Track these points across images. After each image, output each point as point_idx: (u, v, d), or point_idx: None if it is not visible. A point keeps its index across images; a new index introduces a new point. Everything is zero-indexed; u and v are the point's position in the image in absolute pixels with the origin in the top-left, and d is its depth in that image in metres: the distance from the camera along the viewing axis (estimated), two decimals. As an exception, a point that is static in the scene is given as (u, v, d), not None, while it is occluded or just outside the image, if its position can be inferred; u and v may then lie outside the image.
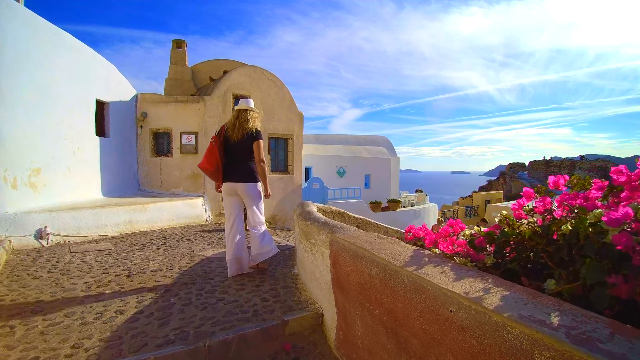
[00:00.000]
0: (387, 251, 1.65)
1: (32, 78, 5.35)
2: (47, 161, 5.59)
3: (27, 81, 5.24)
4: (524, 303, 1.04)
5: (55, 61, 5.80)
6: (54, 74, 5.77)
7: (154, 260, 4.09)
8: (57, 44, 5.91)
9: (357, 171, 15.20)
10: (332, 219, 5.66)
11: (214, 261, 4.04)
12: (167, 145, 8.35)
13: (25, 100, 5.19)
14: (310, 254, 2.60)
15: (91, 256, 4.32)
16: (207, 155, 3.33)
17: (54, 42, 5.83)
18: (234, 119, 3.43)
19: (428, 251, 1.67)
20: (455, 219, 13.01)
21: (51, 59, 5.72)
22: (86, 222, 5.41)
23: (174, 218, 6.91)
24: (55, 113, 5.79)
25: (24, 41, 5.22)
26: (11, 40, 4.99)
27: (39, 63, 5.48)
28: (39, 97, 5.44)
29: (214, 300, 2.74)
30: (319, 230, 2.39)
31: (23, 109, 5.15)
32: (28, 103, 5.23)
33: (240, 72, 8.88)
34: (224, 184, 3.41)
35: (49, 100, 5.64)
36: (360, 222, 6.42)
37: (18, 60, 5.10)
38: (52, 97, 5.71)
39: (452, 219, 12.91)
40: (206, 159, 3.31)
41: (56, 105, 5.80)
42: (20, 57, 5.14)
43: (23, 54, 5.19)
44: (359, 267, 1.74)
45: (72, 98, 6.18)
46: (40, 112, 5.47)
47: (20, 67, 5.13)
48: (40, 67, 5.51)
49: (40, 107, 5.46)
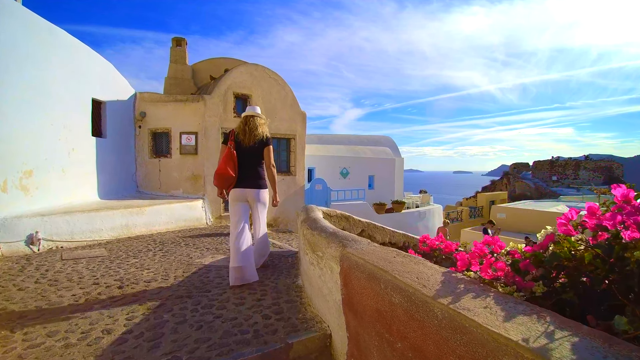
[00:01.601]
0: (412, 274, 1.40)
1: (25, 76, 5.13)
2: (39, 163, 5.36)
3: (18, 79, 5.01)
4: (603, 356, 0.79)
5: (49, 58, 5.57)
6: (47, 72, 5.54)
7: (148, 269, 3.85)
8: (51, 41, 5.68)
9: (360, 172, 14.92)
10: (337, 223, 5.40)
11: (212, 270, 3.80)
12: (166, 146, 8.12)
13: (16, 98, 4.96)
14: (317, 267, 2.35)
15: (83, 264, 4.09)
16: (226, 161, 3.24)
17: (47, 39, 5.60)
18: (242, 125, 3.43)
19: (461, 274, 1.42)
20: (459, 220, 12.72)
21: (45, 56, 5.50)
22: (80, 227, 5.18)
23: (173, 221, 6.68)
24: (49, 112, 5.56)
25: (16, 37, 5.00)
26: (2, 36, 4.77)
27: (32, 60, 5.25)
28: (32, 96, 5.21)
29: (211, 318, 2.50)
30: (327, 243, 2.14)
31: (14, 108, 4.93)
32: (20, 102, 5.00)
33: (241, 70, 8.64)
34: (233, 190, 3.35)
35: (42, 99, 5.41)
36: (366, 226, 6.16)
37: (9, 57, 4.87)
38: (45, 95, 5.48)
39: (456, 220, 12.60)
40: (225, 165, 3.23)
41: (50, 104, 5.57)
42: (11, 53, 4.91)
43: (15, 50, 4.96)
44: (376, 291, 1.48)
45: (67, 97, 5.95)
46: (33, 112, 5.24)
47: (11, 64, 4.91)
48: (33, 65, 5.28)
49: (33, 106, 5.23)
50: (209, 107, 7.93)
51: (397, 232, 6.74)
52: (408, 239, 6.05)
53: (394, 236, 6.17)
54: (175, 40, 9.79)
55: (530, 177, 40.03)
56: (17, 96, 4.99)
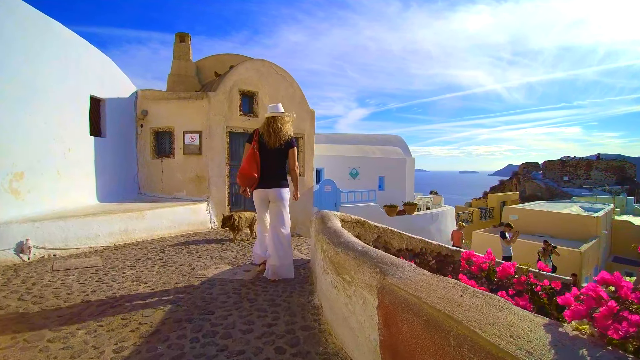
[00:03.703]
0: (499, 327, 0.96)
1: (14, 70, 4.75)
2: (32, 164, 4.99)
3: (7, 73, 4.64)
4: None
5: (42, 52, 5.19)
6: (40, 66, 5.16)
7: (145, 283, 3.45)
8: (45, 33, 5.31)
9: (370, 172, 14.42)
10: (352, 229, 4.95)
11: (216, 284, 3.38)
12: (169, 146, 7.73)
13: (5, 95, 4.59)
14: (343, 294, 1.93)
15: (74, 276, 3.70)
16: (249, 161, 3.33)
17: (40, 31, 5.23)
18: (266, 126, 3.44)
19: (569, 327, 0.98)
20: (469, 221, 12.16)
21: (37, 50, 5.12)
22: (75, 233, 4.80)
23: (176, 225, 6.29)
24: (42, 110, 5.18)
25: (6, 29, 4.63)
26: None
27: (22, 53, 4.88)
28: (22, 92, 4.84)
29: (214, 351, 2.08)
30: (357, 266, 1.72)
31: (3, 105, 4.56)
32: (9, 98, 4.63)
33: (247, 66, 8.23)
34: (256, 190, 3.48)
35: (34, 95, 5.04)
36: (382, 232, 5.76)
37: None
38: (37, 91, 5.10)
39: (467, 221, 12.04)
40: (248, 165, 3.32)
41: (43, 100, 5.19)
42: (0, 46, 4.55)
43: (4, 43, 4.60)
44: (443, 349, 1.05)
45: (62, 93, 5.57)
46: (24, 109, 4.86)
47: (0, 57, 4.54)
48: (25, 58, 4.91)
49: (24, 103, 4.86)
50: (213, 105, 7.53)
51: (414, 237, 6.31)
52: (425, 245, 5.65)
53: (410, 242, 5.78)
54: (178, 35, 9.39)
55: (540, 177, 39.21)
56: (6, 92, 4.62)
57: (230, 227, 5.63)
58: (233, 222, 5.59)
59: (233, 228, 5.63)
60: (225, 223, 5.62)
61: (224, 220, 5.64)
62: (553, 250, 10.08)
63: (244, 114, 8.15)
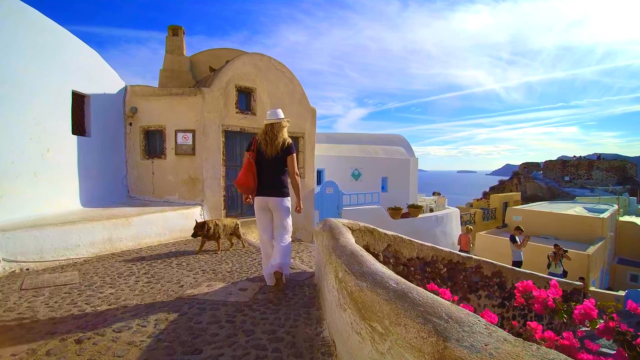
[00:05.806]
0: None
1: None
2: (4, 166, 4.48)
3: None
4: None
5: (16, 42, 4.69)
6: (13, 58, 4.65)
7: (125, 306, 2.95)
8: (20, 22, 4.80)
9: (373, 173, 13.87)
10: (360, 238, 4.47)
11: (207, 309, 2.89)
12: (160, 145, 7.21)
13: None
14: (370, 345, 1.44)
15: (44, 296, 3.20)
16: (246, 171, 3.34)
17: (15, 19, 4.72)
18: (263, 134, 3.40)
19: None
20: (472, 222, 11.65)
21: (10, 39, 4.61)
22: (51, 243, 4.29)
23: (166, 232, 5.79)
24: (16, 106, 4.67)
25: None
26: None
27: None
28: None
29: (199, 415, 1.60)
30: (394, 315, 1.23)
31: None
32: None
33: (244, 60, 7.72)
34: (256, 198, 3.44)
35: (6, 90, 4.53)
36: (392, 240, 5.33)
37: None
38: (10, 85, 4.59)
39: (469, 222, 11.54)
40: (245, 176, 3.33)
41: (16, 95, 4.67)
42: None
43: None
44: None
45: (39, 88, 5.05)
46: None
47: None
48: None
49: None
50: (208, 102, 7.02)
51: (425, 244, 5.89)
52: (437, 253, 5.27)
53: (422, 250, 5.38)
54: (171, 28, 8.84)
55: (541, 177, 38.79)
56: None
57: (205, 237, 4.87)
58: (207, 231, 4.80)
59: (208, 237, 4.85)
60: (197, 232, 4.80)
61: (196, 229, 4.82)
62: (564, 254, 9.64)
63: (240, 111, 7.65)
